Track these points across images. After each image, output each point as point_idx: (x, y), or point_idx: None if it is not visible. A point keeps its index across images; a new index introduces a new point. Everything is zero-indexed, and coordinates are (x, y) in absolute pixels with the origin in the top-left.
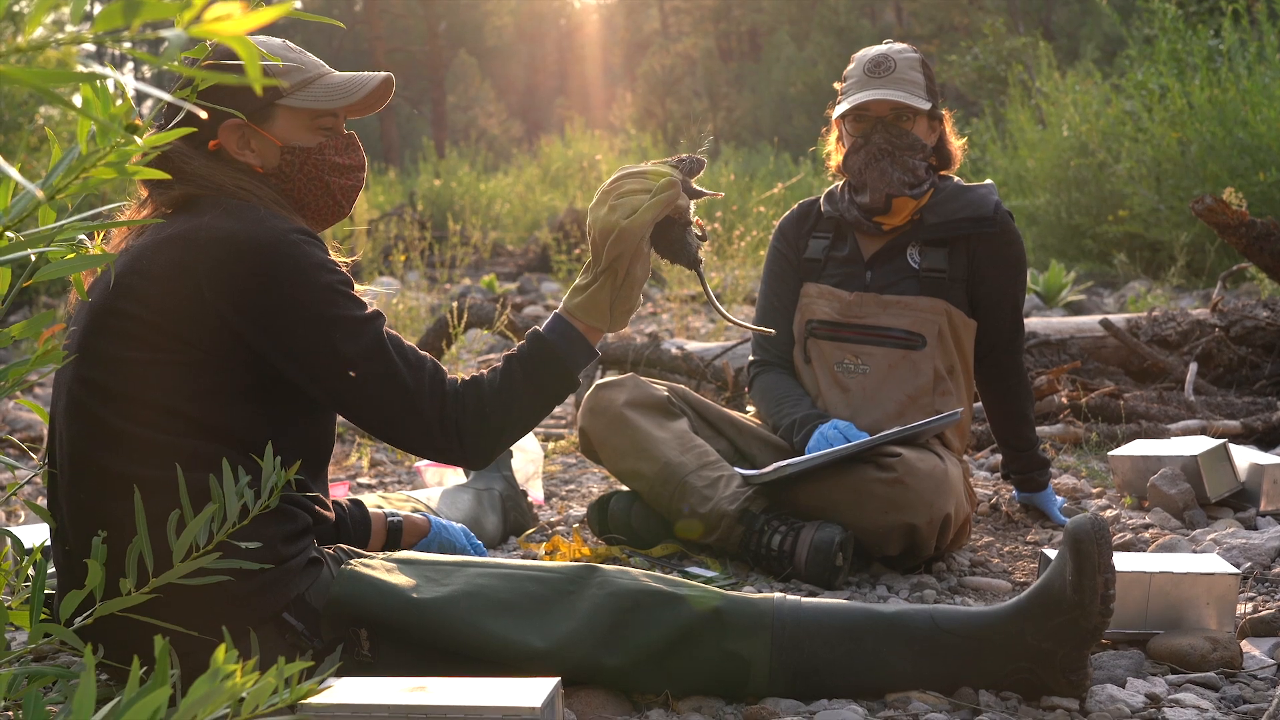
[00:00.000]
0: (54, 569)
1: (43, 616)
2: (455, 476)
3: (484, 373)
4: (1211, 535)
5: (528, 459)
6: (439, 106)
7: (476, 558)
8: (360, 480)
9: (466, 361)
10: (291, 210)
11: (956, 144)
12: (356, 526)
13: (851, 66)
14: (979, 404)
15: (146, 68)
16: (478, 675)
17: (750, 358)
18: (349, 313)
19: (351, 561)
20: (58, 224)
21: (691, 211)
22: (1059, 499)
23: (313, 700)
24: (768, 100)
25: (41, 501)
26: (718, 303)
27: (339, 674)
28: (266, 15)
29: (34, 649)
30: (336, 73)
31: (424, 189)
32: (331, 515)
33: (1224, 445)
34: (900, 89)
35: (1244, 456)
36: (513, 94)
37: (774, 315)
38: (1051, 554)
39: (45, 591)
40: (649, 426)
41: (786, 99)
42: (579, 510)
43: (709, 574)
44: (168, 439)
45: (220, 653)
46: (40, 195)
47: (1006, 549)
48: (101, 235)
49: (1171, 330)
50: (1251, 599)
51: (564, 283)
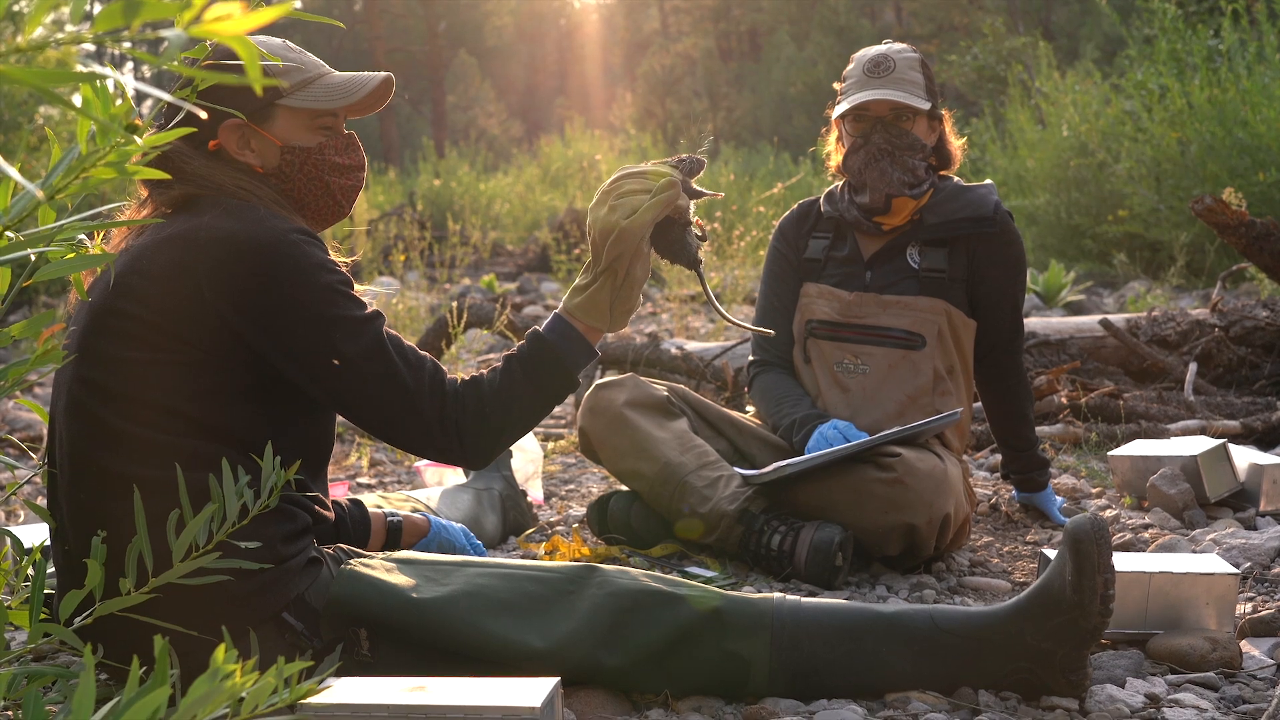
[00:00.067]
0: (54, 569)
1: (42, 616)
2: (455, 476)
3: (484, 373)
4: (1211, 535)
5: (527, 459)
6: (439, 106)
7: (476, 558)
8: (360, 480)
9: (466, 361)
10: (291, 210)
11: (956, 144)
12: (356, 526)
13: (851, 66)
14: (979, 404)
15: (146, 68)
16: (477, 675)
17: (750, 358)
18: (349, 313)
19: (351, 561)
20: (58, 224)
21: (691, 211)
22: (1058, 499)
23: (312, 700)
24: (768, 100)
25: (41, 501)
26: (717, 303)
27: (339, 674)
28: (266, 15)
29: (34, 649)
30: (336, 73)
31: (424, 189)
32: (331, 515)
33: (1223, 445)
34: (900, 89)
35: (1243, 456)
36: (513, 94)
37: (774, 315)
38: (1051, 554)
39: (45, 591)
40: (649, 426)
41: (786, 99)
42: (579, 510)
43: (709, 574)
44: (168, 439)
45: (220, 652)
46: (40, 195)
47: (1006, 549)
48: (101, 235)
49: (1171, 330)
50: (1251, 599)
51: (564, 283)
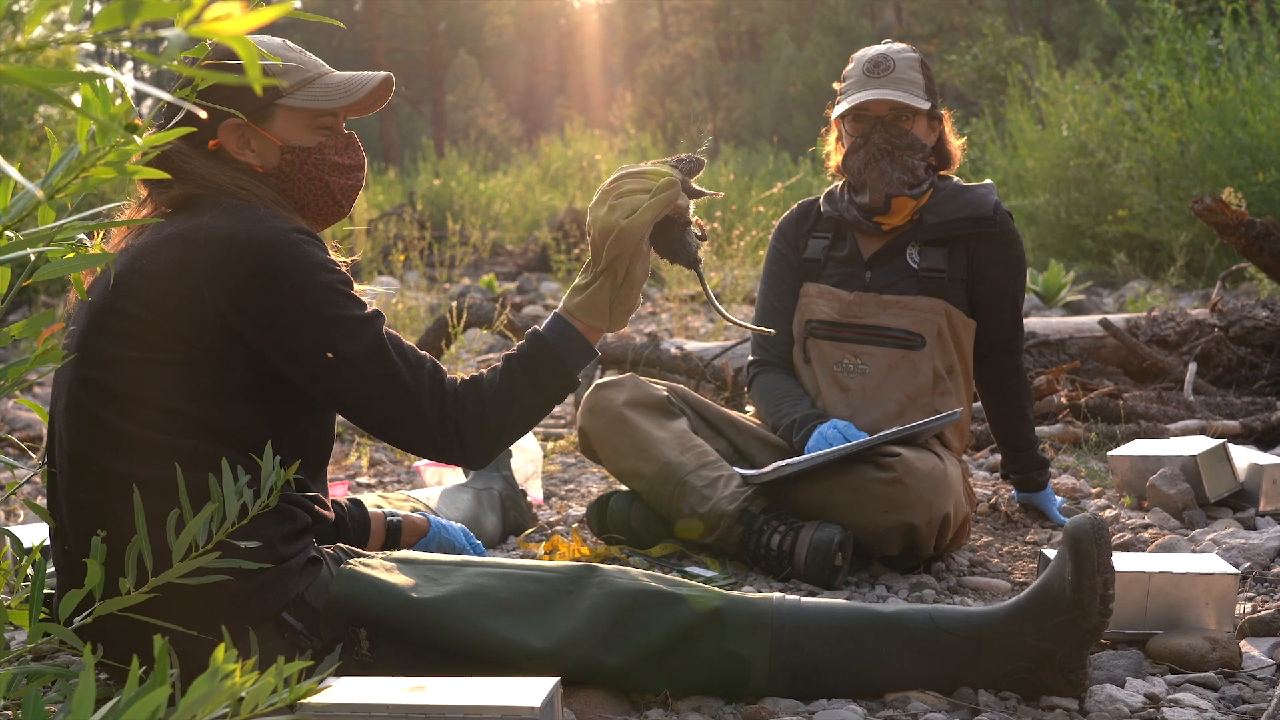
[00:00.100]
0: (54, 569)
1: (42, 616)
2: (455, 476)
3: (484, 372)
4: (1211, 535)
5: (527, 459)
6: (439, 106)
7: (476, 557)
8: (360, 480)
9: (466, 361)
10: (291, 210)
11: (956, 144)
12: (356, 526)
13: (851, 66)
14: (979, 404)
15: (146, 67)
16: (477, 675)
17: (750, 358)
18: (349, 312)
19: (351, 561)
20: (57, 223)
21: (691, 211)
22: (1058, 499)
23: (312, 700)
24: (767, 100)
25: (41, 501)
26: (717, 302)
27: (338, 674)
28: (266, 15)
29: (33, 648)
30: (336, 72)
31: (424, 189)
32: (331, 515)
33: (1223, 445)
34: (899, 89)
35: (1243, 456)
36: (512, 94)
37: (773, 315)
38: (1051, 554)
39: (45, 591)
40: (648, 426)
41: (786, 99)
42: (578, 510)
43: (708, 574)
44: (167, 439)
45: (219, 652)
46: (40, 195)
47: (1006, 549)
48: (101, 235)
49: (1171, 330)
50: (1250, 599)
51: (563, 282)
